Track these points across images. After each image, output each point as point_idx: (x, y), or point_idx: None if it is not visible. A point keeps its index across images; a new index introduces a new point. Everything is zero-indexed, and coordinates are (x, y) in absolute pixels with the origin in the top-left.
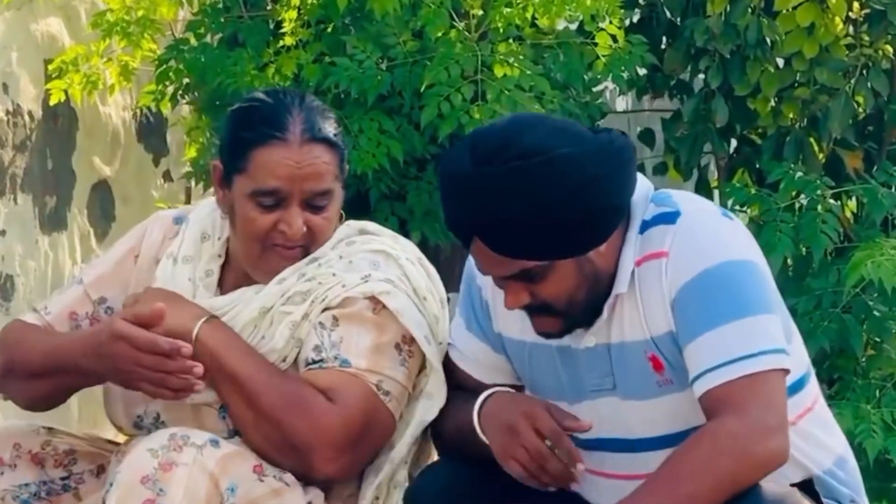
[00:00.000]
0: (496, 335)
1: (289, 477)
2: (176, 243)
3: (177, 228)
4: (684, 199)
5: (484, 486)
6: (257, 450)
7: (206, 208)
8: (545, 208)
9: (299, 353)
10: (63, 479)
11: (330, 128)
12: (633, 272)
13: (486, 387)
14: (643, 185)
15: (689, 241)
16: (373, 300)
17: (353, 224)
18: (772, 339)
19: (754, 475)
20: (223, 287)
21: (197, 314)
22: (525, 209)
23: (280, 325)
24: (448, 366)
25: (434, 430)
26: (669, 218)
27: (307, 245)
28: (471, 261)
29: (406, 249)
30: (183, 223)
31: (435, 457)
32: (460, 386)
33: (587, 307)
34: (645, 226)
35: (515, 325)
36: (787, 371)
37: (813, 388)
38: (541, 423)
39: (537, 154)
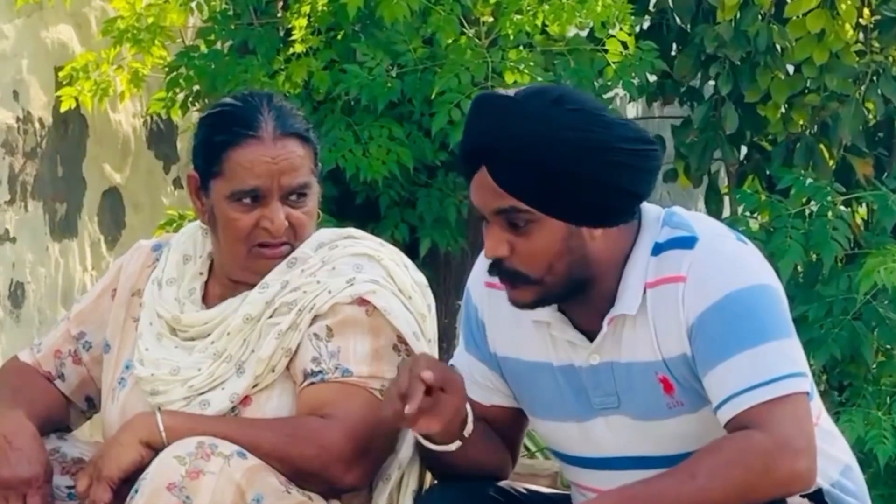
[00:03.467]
0: (492, 355)
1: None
2: (159, 268)
3: (156, 255)
4: (699, 222)
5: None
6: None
7: (186, 233)
8: (558, 152)
9: (290, 364)
10: (69, 487)
11: (301, 123)
12: (644, 294)
13: (484, 409)
14: (653, 208)
15: (708, 267)
16: (361, 302)
17: (337, 230)
18: (794, 362)
19: (771, 491)
20: (207, 302)
21: (148, 413)
22: (540, 144)
23: (268, 336)
24: None
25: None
26: (686, 242)
27: (291, 242)
28: (469, 282)
29: (391, 253)
30: (163, 249)
31: None
32: None
33: (565, 285)
34: (658, 248)
35: (513, 344)
36: (808, 394)
37: (816, 402)
38: (415, 363)
39: (573, 104)
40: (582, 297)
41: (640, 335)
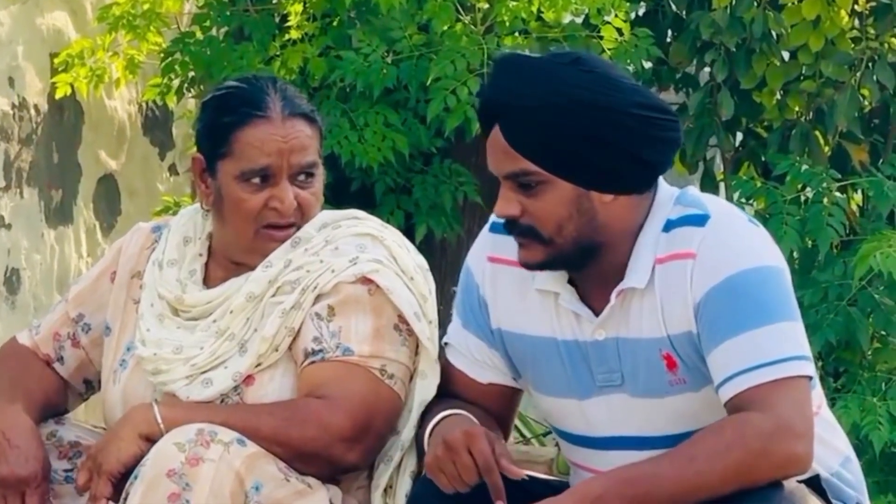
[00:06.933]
0: (494, 331)
1: (311, 479)
2: (159, 250)
3: (155, 236)
4: (712, 202)
5: (483, 491)
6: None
7: (185, 215)
8: (567, 111)
9: (293, 343)
10: (66, 471)
11: (306, 105)
12: (653, 269)
13: (481, 388)
14: (668, 188)
15: (718, 245)
16: (365, 281)
17: (340, 211)
18: (798, 345)
19: (769, 473)
20: (208, 283)
21: (146, 405)
22: (549, 103)
23: (271, 315)
24: (443, 367)
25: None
26: (698, 220)
27: (298, 223)
28: (468, 259)
29: (394, 234)
30: (163, 230)
31: None
32: (450, 389)
33: (574, 249)
34: (670, 224)
35: (517, 319)
36: (811, 378)
37: (818, 391)
38: (476, 448)
39: (588, 66)
40: (592, 267)
41: (646, 311)
